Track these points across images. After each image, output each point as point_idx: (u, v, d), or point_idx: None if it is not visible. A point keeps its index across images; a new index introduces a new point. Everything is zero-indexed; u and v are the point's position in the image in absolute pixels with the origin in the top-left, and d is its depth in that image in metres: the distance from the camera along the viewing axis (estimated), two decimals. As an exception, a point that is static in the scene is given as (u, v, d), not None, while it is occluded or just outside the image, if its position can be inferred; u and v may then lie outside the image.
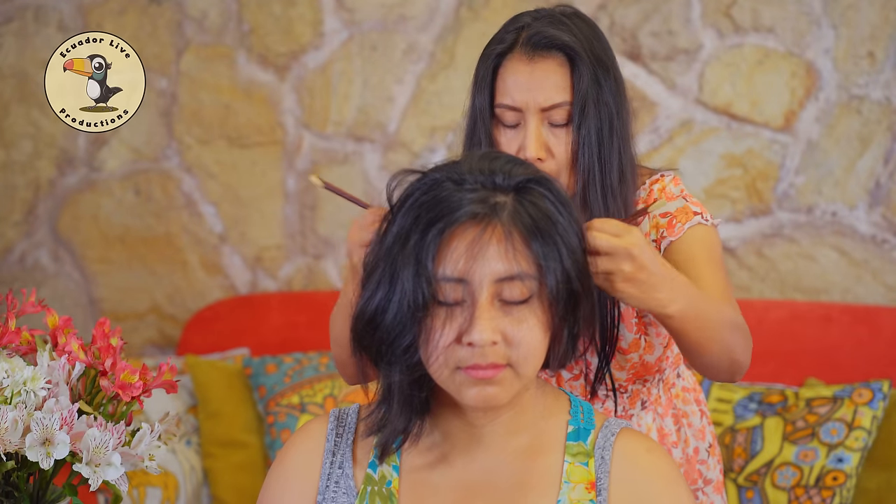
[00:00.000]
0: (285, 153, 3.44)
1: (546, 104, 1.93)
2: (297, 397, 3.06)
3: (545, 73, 1.93)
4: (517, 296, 1.44)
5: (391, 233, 1.47)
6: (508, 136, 1.96)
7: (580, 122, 1.93)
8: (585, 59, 1.93)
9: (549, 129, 1.95)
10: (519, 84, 1.94)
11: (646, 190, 2.05)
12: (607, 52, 1.98)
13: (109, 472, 1.70)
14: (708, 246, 1.97)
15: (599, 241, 1.61)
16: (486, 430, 1.54)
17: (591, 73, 1.93)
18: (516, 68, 1.94)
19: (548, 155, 1.94)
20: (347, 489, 1.55)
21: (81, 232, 3.50)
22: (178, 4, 3.41)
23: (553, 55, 1.94)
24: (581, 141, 1.94)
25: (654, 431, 2.13)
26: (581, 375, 2.07)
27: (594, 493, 1.50)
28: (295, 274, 3.48)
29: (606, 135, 1.95)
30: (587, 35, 1.96)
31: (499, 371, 1.45)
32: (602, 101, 1.94)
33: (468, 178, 1.46)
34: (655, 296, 1.69)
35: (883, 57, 3.10)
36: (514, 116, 1.95)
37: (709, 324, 1.78)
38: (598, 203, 1.96)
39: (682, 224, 1.98)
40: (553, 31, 1.94)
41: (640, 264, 1.64)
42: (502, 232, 1.43)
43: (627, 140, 2.00)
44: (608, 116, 1.95)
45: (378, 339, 1.48)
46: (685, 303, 1.72)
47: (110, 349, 1.81)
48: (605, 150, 1.95)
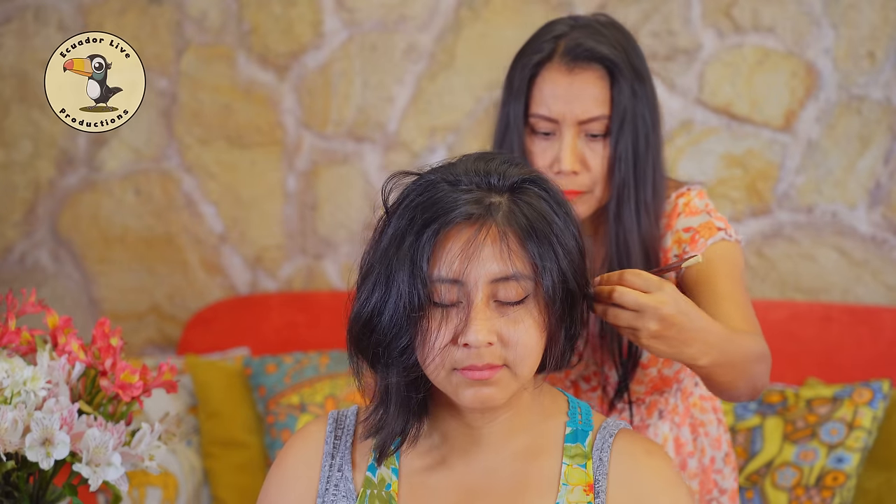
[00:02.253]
0: (285, 153, 3.44)
1: (584, 117, 1.90)
2: (297, 397, 3.06)
3: (584, 85, 1.91)
4: (513, 296, 1.44)
5: (387, 234, 1.47)
6: (542, 146, 1.94)
7: (618, 136, 1.91)
8: (625, 72, 1.90)
9: (585, 141, 1.92)
10: (557, 95, 1.91)
11: (671, 203, 2.02)
12: (643, 63, 1.96)
13: (109, 472, 1.70)
14: (729, 262, 1.93)
15: (626, 298, 1.57)
16: (484, 431, 1.54)
17: (629, 87, 1.91)
18: (554, 79, 1.92)
19: (582, 168, 1.92)
20: (347, 492, 1.55)
21: (81, 232, 3.50)
22: (178, 4, 3.41)
23: (593, 67, 1.91)
24: (618, 155, 1.91)
25: (670, 441, 2.11)
26: (599, 387, 2.05)
27: (592, 496, 1.50)
28: (295, 274, 3.48)
29: (643, 149, 1.93)
30: (625, 46, 1.94)
31: (495, 372, 1.45)
32: (639, 115, 1.92)
33: (463, 179, 1.46)
34: (686, 351, 1.65)
35: (883, 57, 3.10)
36: (548, 126, 1.93)
37: (738, 366, 1.74)
38: (631, 218, 1.95)
39: (705, 240, 1.95)
40: (592, 42, 1.92)
41: (670, 323, 1.60)
42: (497, 232, 1.43)
43: (661, 153, 1.98)
44: (644, 130, 1.93)
45: (375, 342, 1.49)
46: (716, 354, 1.68)
47: (110, 349, 1.81)
48: (640, 165, 1.93)
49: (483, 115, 3.35)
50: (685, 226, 1.97)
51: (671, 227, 1.99)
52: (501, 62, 3.32)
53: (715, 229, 1.95)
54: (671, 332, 1.61)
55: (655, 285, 1.59)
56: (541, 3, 3.31)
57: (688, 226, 1.97)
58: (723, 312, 1.84)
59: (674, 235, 1.98)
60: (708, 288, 1.89)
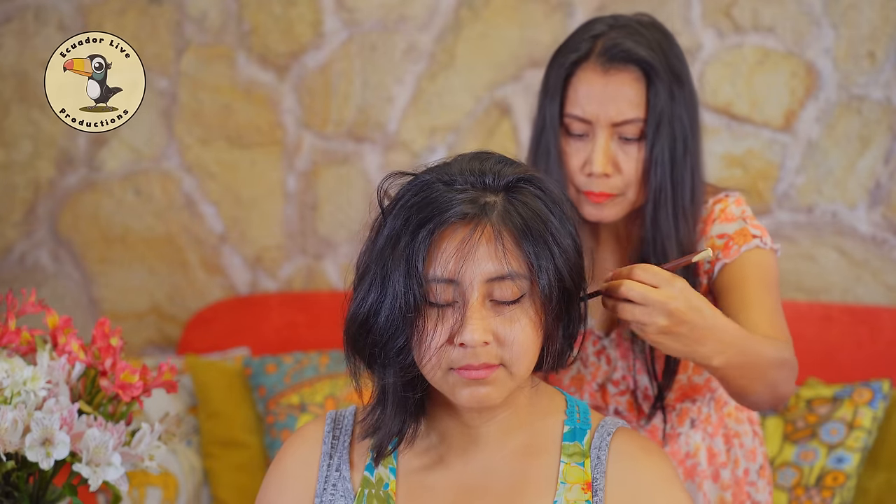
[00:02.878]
0: (285, 153, 3.44)
1: (618, 119, 1.87)
2: (297, 397, 3.06)
3: (620, 86, 1.87)
4: (508, 295, 1.45)
5: (382, 235, 1.47)
6: (575, 146, 1.91)
7: (654, 140, 1.88)
8: (662, 75, 1.87)
9: (619, 144, 1.89)
10: (591, 96, 1.88)
11: (707, 209, 1.98)
12: (683, 65, 1.92)
13: (109, 472, 1.70)
14: (763, 270, 1.91)
15: (634, 292, 1.57)
16: (482, 430, 1.54)
17: (666, 90, 1.87)
18: (590, 79, 1.89)
19: (615, 170, 1.89)
20: (345, 492, 1.55)
21: (81, 232, 3.50)
22: (178, 4, 3.41)
23: (629, 69, 1.87)
24: (653, 159, 1.88)
25: (702, 451, 2.07)
26: (628, 392, 2.03)
27: (590, 494, 1.50)
28: (295, 274, 3.48)
29: (680, 153, 1.90)
30: (664, 48, 1.90)
31: (491, 371, 1.45)
32: (676, 118, 1.89)
33: (458, 179, 1.46)
34: (698, 349, 1.64)
35: (883, 57, 3.10)
36: (582, 127, 1.90)
37: (755, 369, 1.73)
38: (668, 223, 1.92)
39: (739, 246, 1.92)
40: (630, 43, 1.88)
41: (679, 319, 1.59)
42: (492, 232, 1.43)
43: (699, 158, 1.95)
44: (682, 134, 1.90)
45: (371, 342, 1.49)
46: (732, 353, 1.67)
47: (110, 349, 1.81)
48: (678, 169, 1.90)
49: (483, 115, 3.35)
50: (720, 232, 1.94)
51: (705, 233, 1.96)
52: (501, 62, 3.34)
53: (750, 236, 1.93)
54: (682, 328, 1.60)
55: (665, 280, 1.58)
56: (540, 3, 3.30)
57: (722, 232, 1.94)
58: (750, 319, 1.82)
59: (708, 242, 1.95)
60: (737, 294, 1.87)
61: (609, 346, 2.04)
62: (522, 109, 3.34)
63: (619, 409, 2.04)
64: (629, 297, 1.57)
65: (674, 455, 2.05)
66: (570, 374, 2.06)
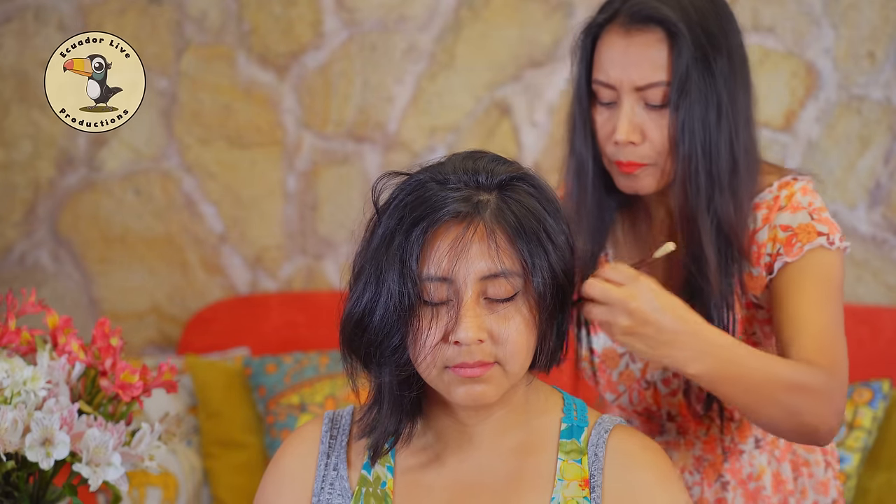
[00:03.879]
0: (285, 153, 3.44)
1: (641, 83, 1.76)
2: (297, 397, 3.06)
3: (641, 48, 1.76)
4: (502, 293, 1.45)
5: (377, 234, 1.48)
6: (604, 115, 1.81)
7: (679, 104, 1.76)
8: (686, 36, 1.74)
9: (646, 110, 1.78)
10: (613, 60, 1.78)
11: (772, 192, 1.84)
12: (724, 27, 1.79)
13: (109, 472, 1.70)
14: (824, 277, 1.78)
15: (593, 289, 1.55)
16: (478, 429, 1.54)
17: (694, 51, 1.75)
18: (612, 42, 1.78)
19: (642, 138, 1.78)
20: (342, 491, 1.56)
21: (81, 232, 3.50)
22: (178, 4, 3.41)
23: (652, 29, 1.76)
24: (680, 125, 1.76)
25: (767, 475, 1.93)
26: (680, 391, 1.93)
27: (588, 491, 1.50)
28: (295, 274, 3.48)
29: (713, 120, 1.77)
30: (699, 7, 1.77)
31: (486, 369, 1.45)
32: (707, 83, 1.76)
33: (452, 178, 1.47)
34: (669, 353, 1.60)
35: (883, 57, 3.10)
36: (609, 94, 1.79)
37: (757, 388, 1.65)
38: (700, 196, 1.79)
39: (802, 244, 1.79)
40: (655, 3, 1.76)
41: (642, 319, 1.56)
42: (485, 230, 1.44)
43: (743, 127, 1.81)
44: (716, 99, 1.77)
45: (367, 341, 1.49)
46: (713, 363, 1.61)
47: (110, 349, 1.81)
48: (710, 137, 1.77)
49: (483, 115, 3.35)
50: (785, 223, 1.81)
51: (769, 221, 1.83)
52: (501, 62, 3.34)
53: (815, 234, 1.79)
54: (646, 329, 1.57)
55: (629, 278, 1.56)
56: (540, 3, 3.31)
57: (787, 224, 1.81)
58: (797, 336, 1.73)
59: (771, 231, 1.82)
60: (790, 303, 1.76)
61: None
62: (522, 109, 3.34)
63: (673, 414, 1.95)
64: (591, 295, 1.55)
65: (734, 474, 1.93)
66: (619, 370, 1.97)
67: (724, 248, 1.82)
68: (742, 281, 1.84)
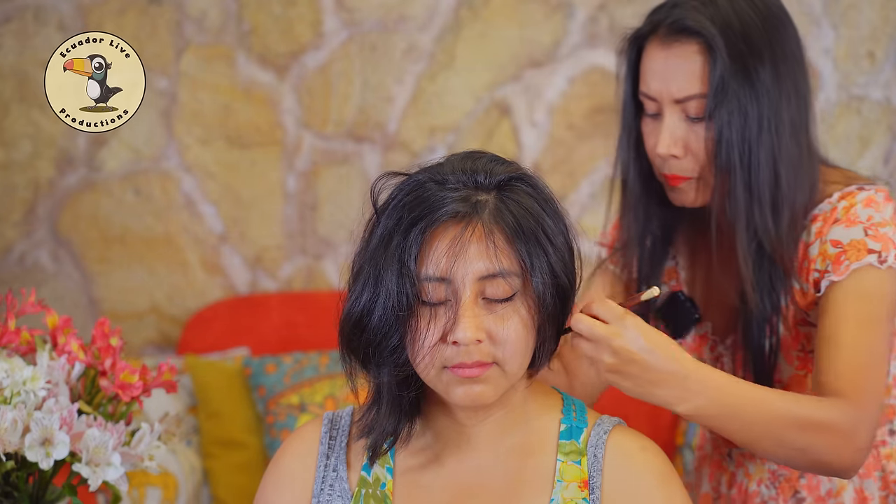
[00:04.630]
0: (285, 153, 3.44)
1: (679, 95, 1.74)
2: (296, 397, 3.06)
3: (679, 60, 1.74)
4: (501, 293, 1.45)
5: (376, 235, 1.48)
6: (650, 127, 1.80)
7: (716, 116, 1.72)
8: (723, 47, 1.71)
9: (688, 123, 1.76)
10: (654, 72, 1.76)
11: (831, 204, 1.77)
12: (772, 37, 1.75)
13: (109, 472, 1.70)
14: (869, 298, 1.70)
15: (581, 325, 1.54)
16: (477, 430, 1.54)
17: (731, 63, 1.71)
18: (653, 54, 1.77)
19: (685, 151, 1.76)
20: (342, 492, 1.56)
21: (81, 232, 3.50)
22: (177, 4, 3.41)
23: (689, 41, 1.74)
24: (717, 137, 1.73)
25: (848, 491, 1.84)
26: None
27: (587, 492, 1.50)
28: (295, 274, 3.48)
29: (753, 132, 1.73)
30: (744, 17, 1.74)
31: (485, 369, 1.45)
32: (747, 94, 1.72)
33: (450, 178, 1.47)
34: (655, 392, 1.57)
35: (883, 57, 3.10)
36: (653, 106, 1.78)
37: (753, 424, 1.61)
38: (739, 210, 1.75)
39: (850, 262, 1.71)
40: (694, 14, 1.74)
41: (627, 357, 1.54)
42: (483, 230, 1.44)
43: (790, 140, 1.76)
44: (756, 111, 1.73)
45: (365, 341, 1.49)
46: (702, 403, 1.58)
47: (110, 349, 1.81)
48: (750, 150, 1.73)
49: (483, 115, 3.35)
50: (836, 238, 1.74)
51: (822, 235, 1.76)
52: (501, 62, 3.34)
53: (865, 251, 1.71)
54: (631, 368, 1.55)
55: (615, 316, 1.54)
56: (540, 3, 3.31)
57: (838, 239, 1.73)
58: (823, 357, 1.69)
59: (822, 246, 1.75)
60: (829, 324, 1.70)
61: (725, 354, 1.91)
62: (522, 109, 3.34)
63: None
64: (577, 330, 1.53)
65: (811, 490, 1.86)
66: None
67: (768, 265, 1.77)
68: (793, 298, 1.79)
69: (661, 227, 1.91)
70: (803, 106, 1.79)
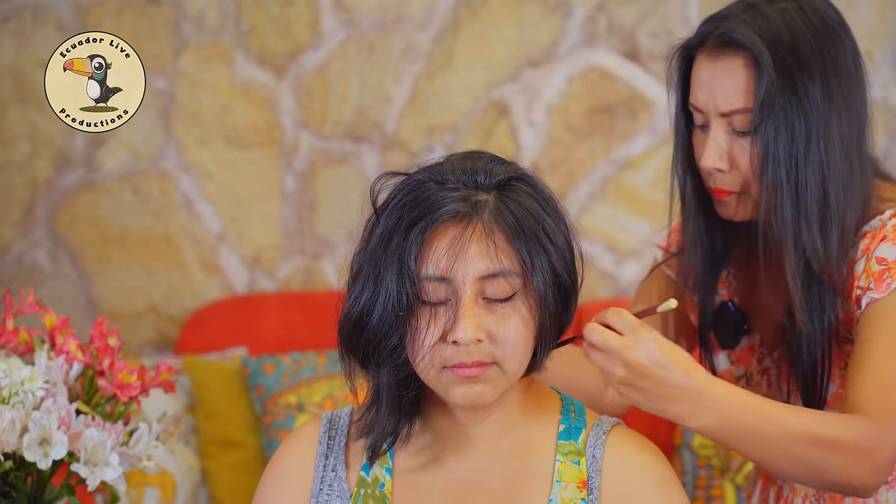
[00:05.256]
0: (283, 153, 3.44)
1: (725, 109, 1.72)
2: (294, 397, 3.06)
3: (726, 74, 1.72)
4: (501, 293, 1.45)
5: (375, 234, 1.48)
6: (700, 139, 1.77)
7: (762, 131, 1.69)
8: (769, 61, 1.68)
9: (734, 136, 1.73)
10: (702, 84, 1.74)
11: (882, 221, 1.74)
12: (823, 51, 1.72)
13: (107, 472, 1.70)
14: None
15: (593, 335, 1.51)
16: (476, 430, 1.54)
17: (778, 77, 1.68)
18: (702, 66, 1.75)
19: (730, 166, 1.73)
20: (341, 492, 1.55)
21: (79, 232, 3.50)
22: (175, 4, 3.41)
23: (735, 54, 1.71)
24: (763, 153, 1.70)
25: None
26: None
27: (586, 492, 1.50)
28: (293, 274, 3.48)
29: (800, 149, 1.69)
30: (795, 30, 1.71)
31: (484, 369, 1.45)
32: (795, 110, 1.69)
33: (450, 178, 1.47)
34: (666, 407, 1.55)
35: (880, 56, 3.10)
36: (701, 118, 1.76)
37: (766, 441, 1.58)
38: (787, 229, 1.72)
39: (892, 281, 1.68)
40: (742, 27, 1.71)
41: (639, 372, 1.51)
42: (483, 230, 1.44)
43: (840, 157, 1.72)
44: (804, 128, 1.69)
45: (365, 341, 1.49)
46: (714, 419, 1.56)
47: (108, 349, 1.81)
48: (798, 167, 1.69)
49: (481, 115, 3.35)
50: (882, 255, 1.71)
51: (868, 252, 1.73)
52: (499, 62, 3.34)
53: None
54: (643, 382, 1.52)
55: (630, 328, 1.51)
56: (538, 3, 3.31)
57: (884, 256, 1.70)
58: (853, 374, 1.66)
59: (867, 263, 1.71)
60: (863, 342, 1.67)
61: (772, 367, 1.88)
62: (520, 109, 3.34)
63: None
64: (590, 340, 1.51)
65: None
66: None
67: (817, 285, 1.74)
68: (839, 317, 1.76)
69: (720, 239, 1.88)
70: (855, 122, 1.76)
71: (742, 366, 1.92)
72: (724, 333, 1.91)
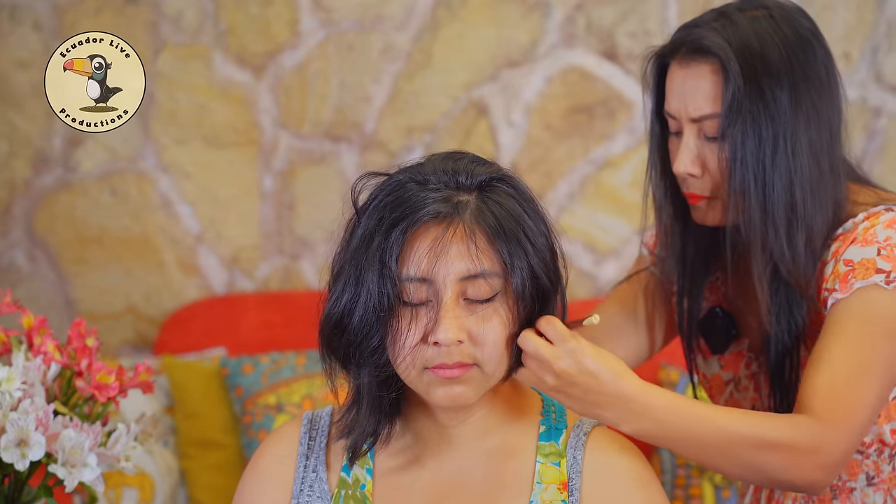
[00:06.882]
0: (262, 153, 3.43)
1: (695, 114, 1.75)
2: (274, 397, 3.06)
3: (696, 80, 1.75)
4: (482, 294, 1.45)
5: (356, 235, 1.48)
6: (674, 145, 1.81)
7: (728, 136, 1.71)
8: (736, 67, 1.70)
9: (706, 142, 1.76)
10: (674, 91, 1.77)
11: (854, 224, 1.75)
12: (793, 58, 1.74)
13: (85, 473, 1.69)
14: (869, 318, 1.67)
15: (526, 344, 1.50)
16: (457, 431, 1.54)
17: (745, 82, 1.71)
18: (673, 73, 1.78)
19: (702, 171, 1.76)
20: (321, 493, 1.55)
21: (57, 232, 3.48)
22: (154, 4, 3.40)
23: (705, 61, 1.74)
24: (731, 158, 1.72)
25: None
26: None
27: (566, 494, 1.50)
28: (272, 274, 3.47)
29: (768, 151, 1.72)
30: (764, 37, 1.73)
31: (465, 370, 1.45)
32: (762, 115, 1.71)
33: (432, 179, 1.47)
34: (598, 413, 1.57)
35: (858, 57, 3.12)
36: (675, 124, 1.79)
37: (703, 444, 1.61)
38: (754, 231, 1.74)
39: (855, 281, 1.69)
40: (711, 34, 1.74)
41: (568, 380, 1.52)
42: (464, 230, 1.44)
43: (809, 163, 1.75)
44: (771, 131, 1.72)
45: (346, 342, 1.49)
46: (646, 424, 1.58)
47: (86, 350, 1.80)
48: (765, 172, 1.72)
49: (460, 115, 3.36)
50: (849, 257, 1.71)
51: (838, 254, 1.74)
52: (478, 62, 3.34)
53: (873, 271, 1.69)
54: (573, 390, 1.54)
55: (559, 337, 1.51)
56: (518, 3, 3.31)
57: (850, 258, 1.71)
58: (808, 372, 1.67)
59: (835, 265, 1.73)
60: (823, 341, 1.68)
61: (759, 372, 1.89)
62: (499, 109, 3.35)
63: None
64: (522, 348, 1.51)
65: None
66: (724, 398, 1.93)
67: (784, 288, 1.76)
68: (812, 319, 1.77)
69: (698, 244, 1.89)
70: (826, 127, 1.79)
71: (731, 370, 1.94)
72: (714, 339, 1.93)
